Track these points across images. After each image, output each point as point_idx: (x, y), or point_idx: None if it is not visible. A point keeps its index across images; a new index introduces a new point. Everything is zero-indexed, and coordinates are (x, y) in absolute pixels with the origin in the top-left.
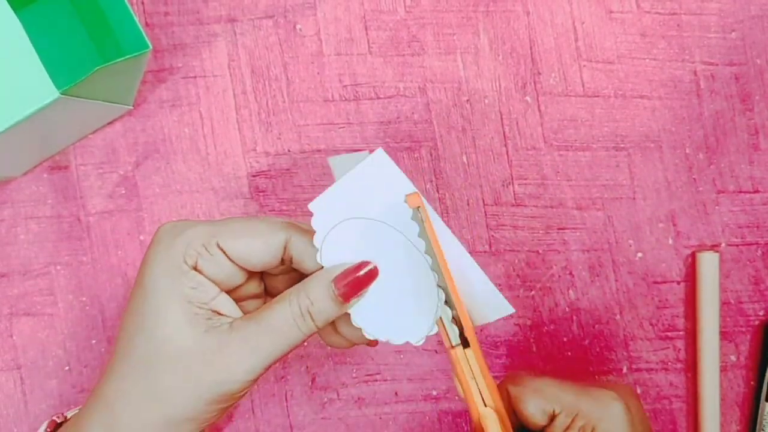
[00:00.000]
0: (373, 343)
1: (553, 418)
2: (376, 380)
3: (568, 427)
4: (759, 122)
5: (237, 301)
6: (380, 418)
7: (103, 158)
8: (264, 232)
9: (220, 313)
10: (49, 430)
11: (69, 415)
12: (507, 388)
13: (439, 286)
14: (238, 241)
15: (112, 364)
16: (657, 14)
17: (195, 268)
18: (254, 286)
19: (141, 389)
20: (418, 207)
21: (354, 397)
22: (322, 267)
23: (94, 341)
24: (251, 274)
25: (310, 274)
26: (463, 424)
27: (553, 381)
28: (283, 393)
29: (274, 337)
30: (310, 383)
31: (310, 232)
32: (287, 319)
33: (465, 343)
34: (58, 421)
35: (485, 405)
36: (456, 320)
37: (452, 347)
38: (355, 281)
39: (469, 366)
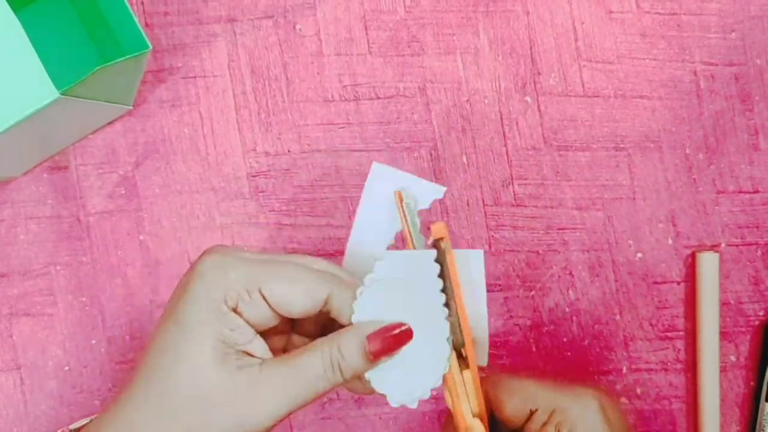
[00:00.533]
0: None
1: (530, 416)
2: None
3: (545, 423)
4: (759, 122)
5: (265, 336)
6: (380, 418)
7: (102, 158)
8: (308, 283)
9: (251, 354)
10: None
11: (72, 427)
12: (486, 389)
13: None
14: (281, 289)
15: (130, 389)
16: (657, 14)
17: (234, 310)
18: (283, 323)
19: (159, 423)
20: (442, 238)
21: (354, 397)
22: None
23: (93, 341)
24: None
25: (343, 324)
26: None
27: (530, 380)
28: None
29: (301, 384)
30: None
31: (351, 285)
32: (317, 368)
33: (465, 365)
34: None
35: (473, 415)
36: (456, 340)
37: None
38: (389, 341)
39: (464, 383)
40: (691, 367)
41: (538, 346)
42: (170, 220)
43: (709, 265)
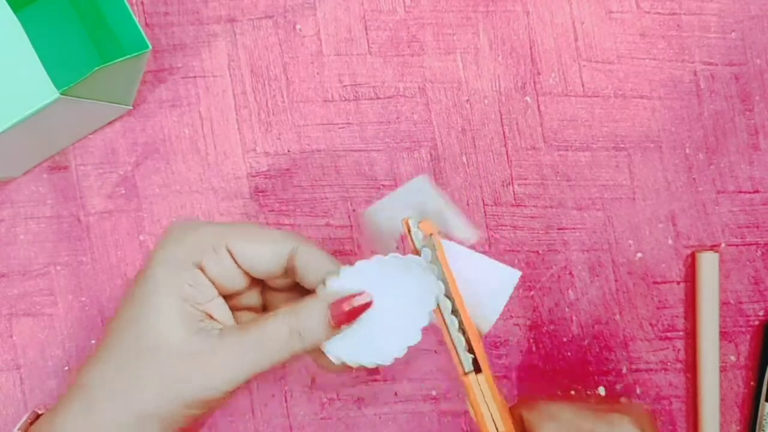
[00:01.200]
0: (375, 372)
1: None
2: (376, 380)
3: None
4: (759, 122)
5: (233, 310)
6: (380, 418)
7: (102, 158)
8: (273, 239)
9: (212, 317)
10: (29, 421)
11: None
12: (521, 413)
13: (453, 315)
14: (247, 244)
15: (98, 349)
16: (657, 14)
17: (199, 267)
18: (253, 298)
19: (122, 379)
20: (431, 234)
21: (354, 397)
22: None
23: (93, 341)
24: (252, 283)
25: (309, 290)
26: (463, 425)
27: (568, 406)
28: (283, 393)
29: (261, 351)
30: (309, 383)
31: (316, 246)
32: (278, 336)
33: (477, 368)
34: (40, 412)
35: (497, 430)
36: (469, 347)
37: (465, 374)
38: (351, 309)
39: (482, 392)
40: (691, 367)
41: (538, 346)
42: (170, 220)
43: (709, 265)
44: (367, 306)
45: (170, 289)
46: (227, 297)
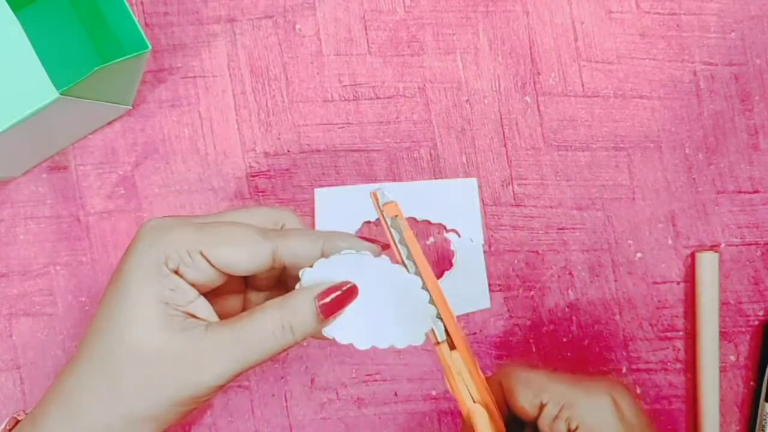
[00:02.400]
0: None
1: (542, 408)
2: (376, 380)
3: (555, 417)
4: (758, 122)
5: (217, 296)
6: (380, 418)
7: (102, 158)
8: (250, 241)
9: (195, 317)
10: (8, 428)
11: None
12: (499, 381)
13: (423, 289)
14: (222, 249)
15: (76, 357)
16: (656, 14)
17: (175, 272)
18: (235, 284)
19: (105, 385)
20: (396, 216)
21: (353, 397)
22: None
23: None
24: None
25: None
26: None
27: (544, 372)
28: (283, 393)
29: (250, 347)
30: (309, 383)
31: (296, 234)
32: (267, 330)
33: (451, 343)
34: (19, 418)
35: (474, 401)
36: (441, 318)
37: (437, 343)
38: (336, 299)
39: (455, 363)
40: (691, 367)
41: (538, 346)
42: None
43: (708, 265)
44: (351, 294)
45: (148, 295)
46: (210, 292)
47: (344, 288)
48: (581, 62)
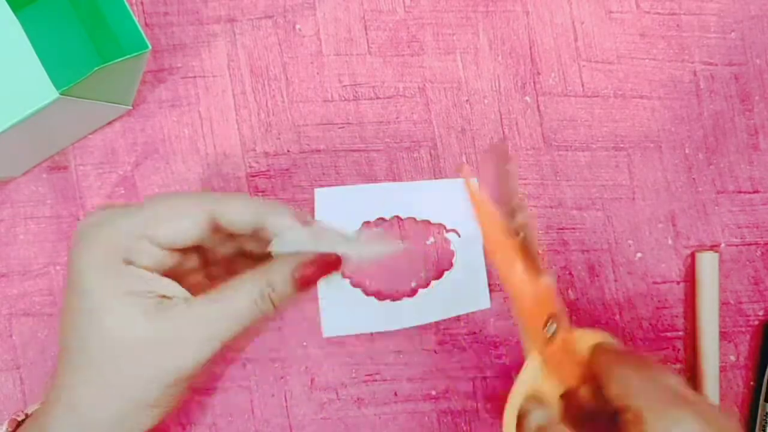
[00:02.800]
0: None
1: (626, 408)
2: (376, 380)
3: (632, 422)
4: (758, 122)
5: (180, 277)
6: (380, 418)
7: (102, 158)
8: (188, 210)
9: (167, 297)
10: (10, 429)
11: (29, 411)
12: (599, 365)
13: None
14: (164, 227)
15: (66, 359)
16: (656, 14)
17: (128, 262)
18: (192, 261)
19: (101, 381)
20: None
21: (353, 397)
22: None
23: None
24: (185, 252)
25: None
26: (462, 424)
27: (637, 374)
28: (283, 393)
29: (231, 318)
30: (309, 383)
31: (232, 200)
32: (245, 300)
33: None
34: (19, 419)
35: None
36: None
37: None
38: (318, 268)
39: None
40: (691, 367)
41: None
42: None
43: (708, 264)
44: (335, 264)
45: (114, 292)
46: (169, 271)
47: (326, 261)
48: (581, 62)
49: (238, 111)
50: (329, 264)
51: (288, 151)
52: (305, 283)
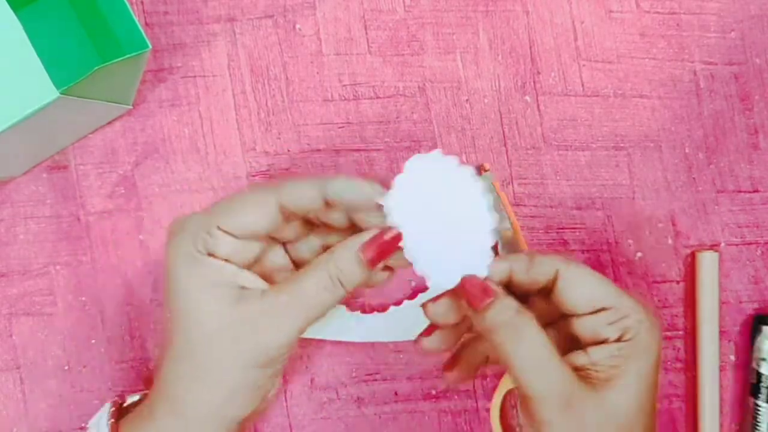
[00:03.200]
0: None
1: (598, 311)
2: (376, 380)
3: (611, 323)
4: (758, 122)
5: (267, 274)
6: (380, 417)
7: (102, 158)
8: (257, 200)
9: (246, 288)
10: (114, 409)
11: (129, 400)
12: (556, 268)
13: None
14: (233, 218)
15: (166, 349)
16: (656, 14)
17: (210, 254)
18: (279, 257)
19: (194, 369)
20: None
21: (353, 396)
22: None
23: (93, 341)
24: (268, 244)
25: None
26: (463, 424)
27: (604, 279)
28: (283, 393)
29: (306, 304)
30: (309, 383)
31: (295, 183)
32: (318, 286)
33: None
34: (120, 402)
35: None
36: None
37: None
38: (381, 247)
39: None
40: (691, 366)
41: None
42: (170, 220)
43: (708, 264)
44: (395, 241)
45: (197, 283)
46: (253, 265)
47: (387, 237)
48: (581, 62)
49: (238, 110)
50: (392, 239)
51: (288, 150)
52: (372, 261)
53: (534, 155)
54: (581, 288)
